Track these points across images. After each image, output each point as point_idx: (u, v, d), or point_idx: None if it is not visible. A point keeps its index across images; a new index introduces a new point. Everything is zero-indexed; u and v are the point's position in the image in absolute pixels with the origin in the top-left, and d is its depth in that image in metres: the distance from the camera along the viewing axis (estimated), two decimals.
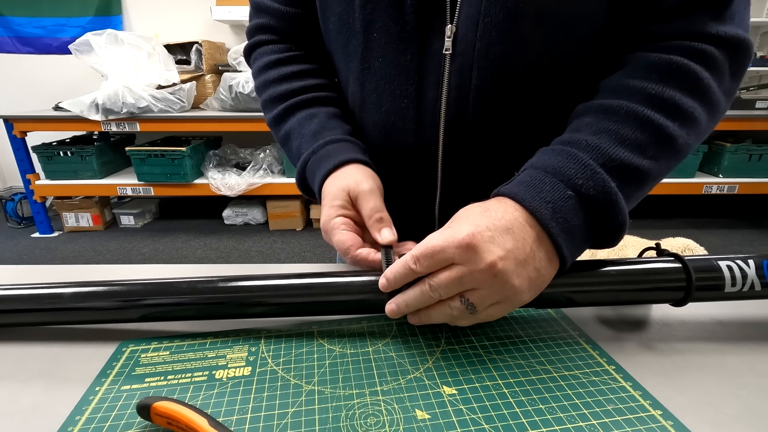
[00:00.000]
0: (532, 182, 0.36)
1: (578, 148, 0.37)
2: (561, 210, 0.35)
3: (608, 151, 0.37)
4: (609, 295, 0.37)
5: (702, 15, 0.39)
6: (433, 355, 0.35)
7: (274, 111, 0.53)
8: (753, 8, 2.69)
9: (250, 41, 0.58)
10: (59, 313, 0.37)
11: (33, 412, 0.30)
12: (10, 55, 2.90)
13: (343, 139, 0.49)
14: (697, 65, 0.38)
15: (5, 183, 3.24)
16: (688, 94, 0.38)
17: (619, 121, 0.38)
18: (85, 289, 0.37)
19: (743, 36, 0.39)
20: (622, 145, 0.37)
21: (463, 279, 0.33)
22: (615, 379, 0.32)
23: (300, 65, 0.55)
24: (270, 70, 0.54)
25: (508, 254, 0.33)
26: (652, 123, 0.37)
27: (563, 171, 0.36)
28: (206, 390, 0.32)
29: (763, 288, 0.36)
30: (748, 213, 2.92)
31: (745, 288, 0.36)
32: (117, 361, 0.35)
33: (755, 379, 0.33)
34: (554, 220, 0.34)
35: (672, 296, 0.37)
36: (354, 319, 0.40)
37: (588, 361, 0.34)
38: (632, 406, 0.30)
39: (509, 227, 0.34)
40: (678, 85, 0.38)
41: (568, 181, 0.35)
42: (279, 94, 0.53)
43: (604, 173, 0.36)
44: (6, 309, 0.37)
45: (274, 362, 0.34)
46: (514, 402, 0.30)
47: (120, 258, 2.35)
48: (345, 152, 0.48)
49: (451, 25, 0.44)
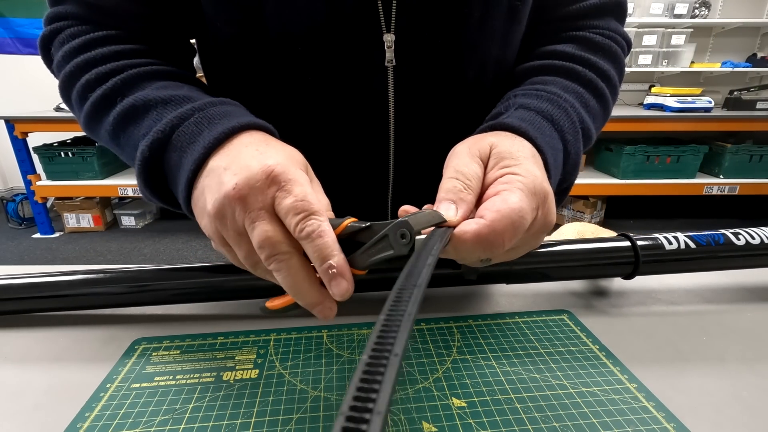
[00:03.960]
0: (534, 122, 0.35)
1: (561, 100, 0.38)
2: (556, 159, 0.35)
3: (581, 113, 0.39)
4: (573, 270, 0.43)
5: (610, 17, 0.47)
6: (443, 365, 0.34)
7: (105, 86, 0.35)
8: (753, 8, 2.68)
9: (50, 27, 0.39)
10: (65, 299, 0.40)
11: (43, 406, 0.31)
12: (11, 56, 2.90)
13: (239, 104, 0.35)
14: (617, 46, 0.45)
15: (6, 184, 3.25)
16: (615, 68, 0.45)
17: (581, 85, 0.41)
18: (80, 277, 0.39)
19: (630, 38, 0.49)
20: (587, 110, 0.40)
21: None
22: (628, 390, 0.33)
23: (144, 45, 0.39)
24: (95, 49, 0.36)
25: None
26: (603, 95, 0.42)
27: (557, 120, 0.36)
28: (213, 391, 0.32)
29: (698, 246, 0.42)
30: (749, 213, 2.92)
31: (682, 246, 0.42)
32: (129, 358, 0.36)
33: (755, 379, 0.33)
34: (553, 168, 0.34)
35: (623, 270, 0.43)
36: (365, 324, 0.40)
37: (608, 377, 0.33)
38: (643, 416, 0.30)
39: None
40: (607, 59, 0.44)
41: (561, 133, 0.36)
42: (115, 68, 0.35)
43: (581, 134, 0.38)
44: (16, 297, 0.39)
45: (281, 366, 0.35)
46: (526, 419, 0.29)
47: (121, 258, 2.36)
48: (243, 113, 0.34)
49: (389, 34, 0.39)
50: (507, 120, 0.34)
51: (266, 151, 0.29)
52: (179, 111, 0.32)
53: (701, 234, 0.43)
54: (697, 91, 2.54)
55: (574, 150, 0.37)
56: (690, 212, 2.95)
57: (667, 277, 0.49)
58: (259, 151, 0.29)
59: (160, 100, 0.33)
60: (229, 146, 0.30)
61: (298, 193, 0.26)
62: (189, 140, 0.31)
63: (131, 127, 0.33)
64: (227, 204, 0.27)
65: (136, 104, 0.33)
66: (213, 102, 0.33)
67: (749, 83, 2.94)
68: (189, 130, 0.31)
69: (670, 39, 2.76)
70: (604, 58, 0.44)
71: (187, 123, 0.31)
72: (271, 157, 0.28)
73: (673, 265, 0.43)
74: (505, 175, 0.29)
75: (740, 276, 0.49)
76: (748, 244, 0.42)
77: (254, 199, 0.26)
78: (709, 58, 3.09)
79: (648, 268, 0.42)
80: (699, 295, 0.45)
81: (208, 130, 0.30)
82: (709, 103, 2.45)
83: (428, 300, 0.44)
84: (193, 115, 0.31)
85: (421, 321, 0.40)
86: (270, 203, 0.27)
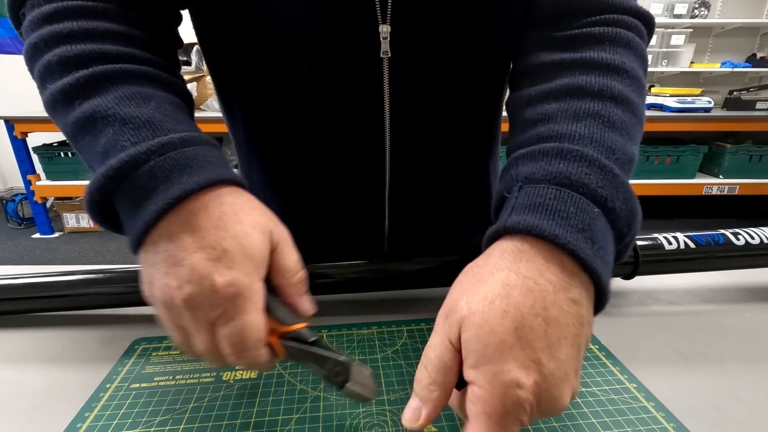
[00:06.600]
0: (547, 205, 0.25)
1: (572, 141, 0.29)
2: (594, 239, 0.25)
3: (607, 139, 0.29)
4: None
5: None
6: None
7: (66, 79, 0.30)
8: (753, 8, 2.67)
9: None
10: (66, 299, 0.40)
11: (42, 406, 0.31)
12: (11, 56, 2.90)
13: (207, 139, 0.31)
14: (626, 31, 0.35)
15: (6, 184, 3.25)
16: (632, 57, 0.34)
17: (592, 98, 0.31)
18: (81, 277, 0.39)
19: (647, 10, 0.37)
20: (612, 130, 0.30)
21: None
22: (628, 390, 0.33)
23: (121, 25, 0.34)
24: (64, 21, 0.32)
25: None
26: (626, 99, 0.32)
27: (578, 180, 0.26)
28: (213, 392, 0.32)
29: (697, 246, 0.42)
30: (749, 213, 2.92)
31: (681, 246, 0.42)
32: (129, 358, 0.36)
33: (755, 379, 0.33)
34: (597, 256, 0.24)
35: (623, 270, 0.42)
36: (365, 324, 0.40)
37: (608, 377, 0.34)
38: (643, 416, 0.30)
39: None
40: (617, 47, 0.34)
41: (591, 194, 0.26)
42: (80, 54, 0.31)
43: (618, 171, 0.27)
44: (16, 297, 0.39)
45: (281, 366, 0.35)
46: None
47: (120, 259, 2.36)
48: (219, 164, 0.29)
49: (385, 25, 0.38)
50: (513, 221, 0.26)
51: (226, 247, 0.26)
52: (133, 151, 0.27)
53: (701, 234, 0.43)
54: (697, 91, 2.54)
55: (619, 200, 0.27)
56: (689, 212, 2.95)
57: (666, 277, 0.49)
58: (216, 249, 0.26)
59: (119, 118, 0.29)
60: (185, 212, 0.26)
61: (238, 324, 0.25)
62: (140, 195, 0.27)
63: (88, 137, 0.30)
64: (176, 305, 0.26)
65: (95, 115, 0.29)
66: (173, 142, 0.28)
67: (749, 83, 2.94)
68: (141, 181, 0.26)
69: (669, 39, 2.76)
70: (613, 50, 0.34)
71: (141, 171, 0.27)
72: (229, 263, 0.26)
73: (672, 265, 0.43)
74: (468, 392, 0.23)
75: (740, 276, 0.49)
76: (748, 244, 0.42)
77: (202, 314, 0.26)
78: (709, 59, 3.09)
79: (648, 268, 0.42)
80: (699, 295, 0.45)
81: (163, 187, 0.26)
82: (708, 103, 2.45)
83: (428, 300, 0.44)
84: (148, 161, 0.27)
85: (421, 321, 0.40)
86: (214, 321, 0.26)
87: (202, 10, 0.42)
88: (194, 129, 0.31)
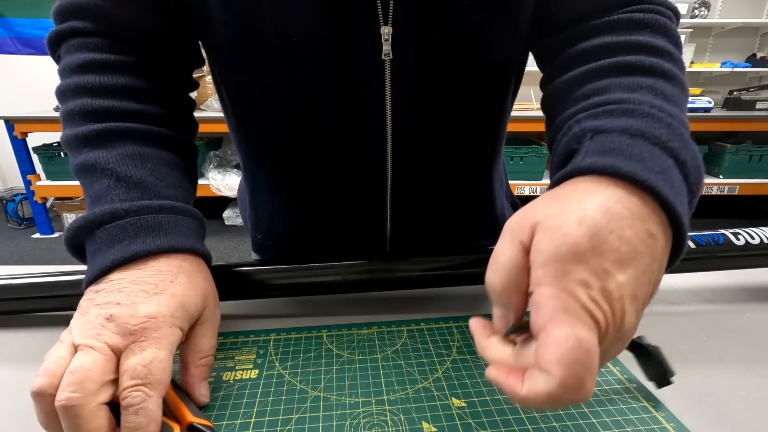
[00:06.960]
0: (622, 149, 0.25)
1: (634, 104, 0.29)
2: (673, 185, 0.25)
3: (665, 108, 0.29)
4: None
5: None
6: (443, 365, 0.34)
7: (81, 128, 0.35)
8: (753, 8, 2.67)
9: (60, 27, 0.38)
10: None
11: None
12: (11, 56, 2.90)
13: (187, 209, 0.35)
14: (664, 18, 0.36)
15: (6, 184, 3.25)
16: (671, 44, 0.35)
17: (644, 75, 0.32)
18: None
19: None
20: (668, 102, 0.30)
21: None
22: (628, 390, 0.33)
23: (138, 79, 0.38)
24: (89, 74, 0.37)
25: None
26: (675, 76, 0.32)
27: (649, 132, 0.26)
28: (213, 392, 0.32)
29: (697, 246, 0.42)
30: (749, 213, 2.92)
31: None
32: None
33: (755, 379, 0.33)
34: (676, 199, 0.24)
35: None
36: (365, 324, 0.40)
37: (608, 377, 0.32)
38: (643, 416, 0.30)
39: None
40: (658, 34, 0.35)
41: (662, 144, 0.26)
42: (96, 109, 0.36)
43: (683, 130, 0.28)
44: (16, 297, 0.39)
45: (281, 366, 0.35)
46: (526, 419, 0.29)
47: None
48: (189, 234, 0.34)
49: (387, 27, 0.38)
50: (587, 162, 0.25)
51: (161, 291, 0.30)
52: (117, 206, 0.32)
53: (701, 234, 0.43)
54: (697, 91, 2.54)
55: (689, 155, 0.27)
56: None
57: (667, 277, 0.48)
58: (148, 293, 0.29)
59: (115, 174, 0.34)
60: (134, 268, 0.30)
61: (147, 356, 0.27)
62: (106, 243, 0.31)
63: (87, 179, 0.35)
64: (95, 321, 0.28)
65: (97, 166, 0.34)
66: (152, 207, 0.33)
67: (749, 83, 2.94)
68: (112, 232, 0.31)
69: None
70: (654, 35, 0.34)
71: (115, 224, 0.32)
72: (159, 303, 0.29)
73: None
74: (534, 296, 0.22)
75: (740, 276, 0.49)
76: (748, 244, 0.42)
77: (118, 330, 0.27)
78: (709, 58, 3.10)
79: None
80: (698, 295, 0.45)
81: (127, 242, 0.31)
82: (708, 103, 2.45)
83: (428, 300, 0.44)
84: (126, 217, 0.32)
85: (421, 321, 0.40)
86: (125, 346, 0.27)
87: (202, 16, 0.42)
88: (184, 194, 0.37)
